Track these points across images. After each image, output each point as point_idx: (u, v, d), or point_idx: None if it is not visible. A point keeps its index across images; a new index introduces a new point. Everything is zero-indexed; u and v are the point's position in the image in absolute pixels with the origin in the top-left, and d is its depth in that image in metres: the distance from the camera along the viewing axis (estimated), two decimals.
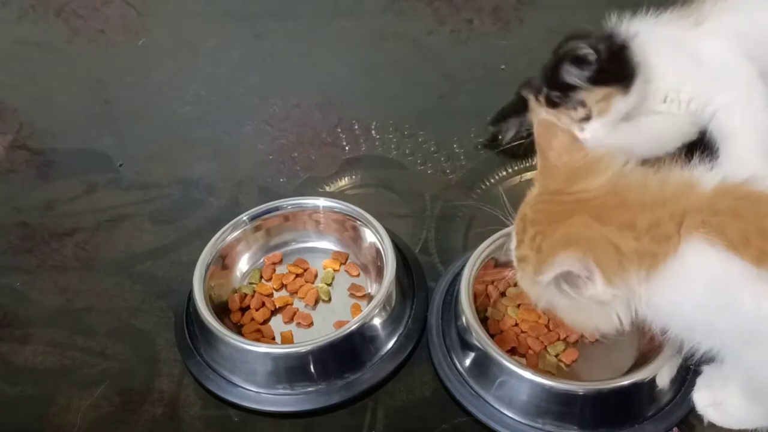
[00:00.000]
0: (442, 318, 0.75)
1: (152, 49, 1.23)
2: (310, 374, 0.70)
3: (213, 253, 0.78)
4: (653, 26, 0.87)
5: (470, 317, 0.70)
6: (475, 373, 0.69)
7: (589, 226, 0.57)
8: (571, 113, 0.86)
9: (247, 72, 1.16)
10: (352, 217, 0.81)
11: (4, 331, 0.79)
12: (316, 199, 0.84)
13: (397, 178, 0.94)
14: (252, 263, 0.83)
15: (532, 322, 0.74)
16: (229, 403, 0.70)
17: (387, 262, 0.75)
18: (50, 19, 1.32)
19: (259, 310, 0.77)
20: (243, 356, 0.70)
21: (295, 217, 0.84)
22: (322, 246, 0.84)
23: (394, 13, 1.27)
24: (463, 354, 0.71)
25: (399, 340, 0.74)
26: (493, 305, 0.76)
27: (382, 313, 0.73)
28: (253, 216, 0.82)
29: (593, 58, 0.83)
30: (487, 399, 0.68)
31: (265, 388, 0.70)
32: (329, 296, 0.79)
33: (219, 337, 0.70)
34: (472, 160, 0.95)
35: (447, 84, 1.09)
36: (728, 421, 0.63)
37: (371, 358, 0.72)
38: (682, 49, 0.86)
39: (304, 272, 0.82)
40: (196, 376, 0.72)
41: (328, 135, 1.02)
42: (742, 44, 0.84)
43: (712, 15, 0.86)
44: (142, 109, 1.10)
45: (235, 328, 0.76)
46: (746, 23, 0.85)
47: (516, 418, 0.67)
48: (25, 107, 1.12)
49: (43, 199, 0.94)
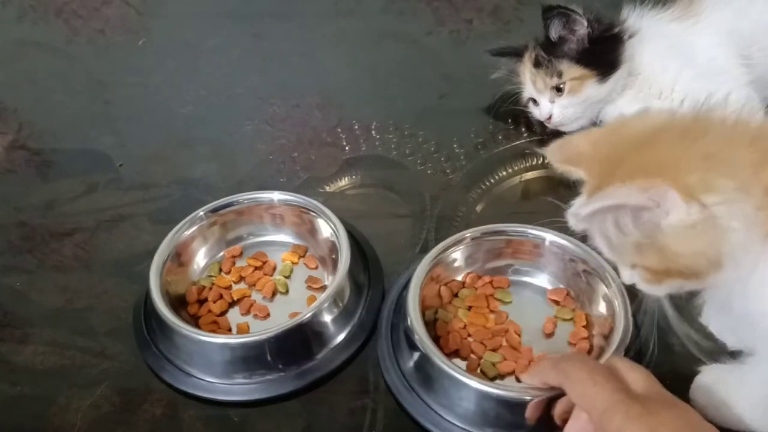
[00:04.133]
0: (393, 316, 0.74)
1: (152, 49, 1.23)
2: (254, 364, 0.70)
3: (170, 248, 0.78)
4: (655, 23, 0.87)
5: (414, 319, 0.68)
6: (417, 374, 0.67)
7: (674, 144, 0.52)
8: (547, 79, 0.89)
9: (247, 72, 1.16)
10: (309, 210, 0.81)
11: (4, 331, 0.79)
12: (271, 192, 0.84)
13: (397, 178, 0.94)
14: (209, 258, 0.83)
15: (480, 326, 0.73)
16: (184, 393, 0.70)
17: (341, 254, 0.75)
18: (50, 19, 1.32)
19: (216, 302, 0.78)
20: (198, 347, 0.70)
21: (252, 211, 0.84)
22: (281, 239, 0.85)
23: (394, 13, 1.27)
24: (408, 354, 0.69)
25: (351, 332, 0.73)
26: (445, 306, 0.75)
27: (333, 307, 0.72)
28: (210, 211, 0.82)
29: (583, 30, 0.85)
30: (428, 402, 0.66)
31: (222, 378, 0.70)
32: (286, 288, 0.79)
33: (174, 329, 0.71)
34: (472, 160, 0.95)
35: (447, 84, 1.09)
36: (730, 422, 0.63)
37: (321, 349, 0.72)
38: (678, 47, 0.87)
39: (263, 265, 0.82)
40: (153, 369, 0.72)
41: (328, 135, 1.02)
42: (734, 41, 0.85)
43: (706, 12, 0.86)
44: (142, 109, 1.10)
45: (192, 320, 0.76)
46: (737, 19, 0.86)
47: (459, 424, 0.64)
48: (25, 107, 1.12)
49: (43, 199, 0.94)
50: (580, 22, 0.85)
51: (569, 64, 0.87)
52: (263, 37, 1.24)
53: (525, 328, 0.73)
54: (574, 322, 0.73)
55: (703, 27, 0.86)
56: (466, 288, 0.77)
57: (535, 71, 0.91)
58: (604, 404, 0.50)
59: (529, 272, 0.78)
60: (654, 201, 0.50)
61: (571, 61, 0.87)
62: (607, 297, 0.71)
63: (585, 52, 0.87)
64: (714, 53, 0.85)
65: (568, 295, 0.75)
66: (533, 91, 0.92)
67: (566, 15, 0.85)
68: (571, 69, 0.87)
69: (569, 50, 0.87)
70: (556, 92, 0.90)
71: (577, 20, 0.85)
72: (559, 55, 0.88)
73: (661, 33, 0.87)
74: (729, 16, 0.86)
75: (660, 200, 0.50)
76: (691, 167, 0.50)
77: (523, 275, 0.78)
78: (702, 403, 0.64)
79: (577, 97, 0.88)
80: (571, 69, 0.87)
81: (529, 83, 0.93)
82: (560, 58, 0.88)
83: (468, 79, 1.09)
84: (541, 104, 0.92)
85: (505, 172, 0.93)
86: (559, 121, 0.91)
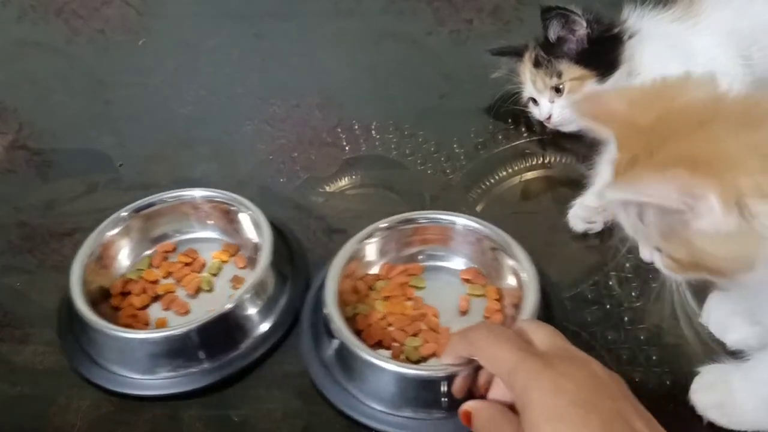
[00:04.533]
0: (315, 306, 0.75)
1: (152, 49, 1.23)
2: (176, 358, 0.70)
3: (92, 248, 0.78)
4: (655, 23, 0.87)
5: (332, 307, 0.69)
6: (339, 364, 0.69)
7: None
8: (546, 79, 0.89)
9: (247, 72, 1.16)
10: (232, 204, 0.82)
11: (4, 331, 0.79)
12: (192, 190, 0.84)
13: (397, 178, 0.94)
14: (134, 258, 0.83)
15: (398, 314, 0.74)
16: (104, 389, 0.71)
17: (263, 246, 0.76)
18: (50, 19, 1.32)
19: (139, 296, 0.78)
20: (116, 343, 0.71)
21: (176, 209, 0.84)
22: (212, 236, 0.85)
23: (394, 13, 1.27)
24: (328, 343, 0.70)
25: (275, 322, 0.74)
26: (362, 300, 0.76)
27: (256, 298, 0.73)
28: (133, 210, 0.82)
29: (582, 31, 0.85)
30: (349, 389, 0.67)
31: (145, 374, 0.71)
32: (211, 286, 0.79)
33: (93, 327, 0.71)
34: (472, 160, 0.95)
35: (447, 84, 1.09)
36: (732, 422, 0.63)
37: (245, 340, 0.72)
38: (678, 47, 0.87)
39: (193, 262, 0.82)
40: (75, 367, 0.73)
41: (328, 135, 1.02)
42: (734, 41, 0.85)
43: (707, 12, 0.87)
44: (142, 109, 1.10)
45: (113, 312, 0.77)
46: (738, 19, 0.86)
47: (379, 408, 0.66)
48: (25, 107, 1.12)
49: (43, 199, 0.94)
50: (579, 22, 0.85)
51: (569, 65, 0.87)
52: (263, 37, 1.24)
53: (442, 310, 0.75)
54: (486, 297, 0.76)
55: (704, 27, 0.86)
56: (381, 279, 0.78)
57: (535, 71, 0.91)
58: (509, 365, 0.50)
59: (442, 256, 0.80)
60: (689, 204, 0.46)
61: (570, 61, 0.87)
62: (514, 270, 0.73)
63: (584, 53, 0.87)
64: (714, 53, 0.85)
65: (478, 273, 0.78)
66: (533, 90, 0.92)
67: (565, 16, 0.85)
68: (570, 69, 0.87)
69: (569, 50, 0.87)
70: (555, 92, 0.90)
71: (576, 21, 0.85)
72: (559, 55, 0.88)
73: (662, 33, 0.87)
74: (729, 16, 0.86)
75: (695, 203, 0.46)
76: (746, 167, 0.46)
77: (437, 260, 0.80)
78: (704, 403, 0.64)
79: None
80: (570, 69, 0.87)
81: (529, 83, 0.93)
82: (560, 59, 0.88)
83: (468, 79, 1.09)
84: (540, 104, 0.92)
85: (505, 172, 0.93)
86: (559, 121, 0.91)
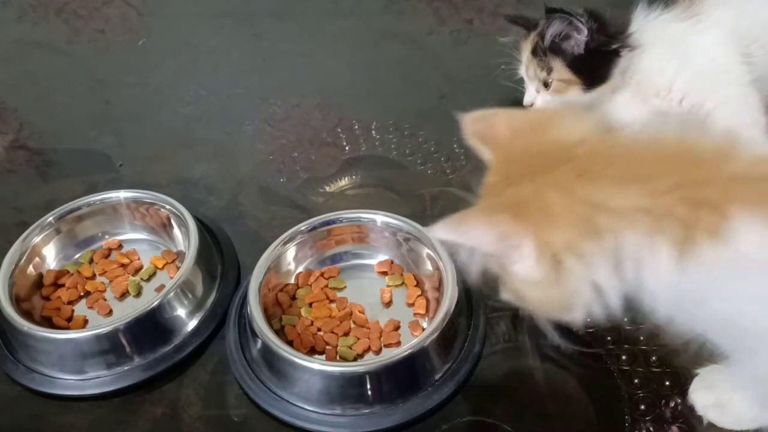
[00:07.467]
0: (241, 307, 0.75)
1: (152, 49, 1.23)
2: (105, 356, 0.71)
3: (18, 254, 0.78)
4: (656, 25, 0.87)
5: (254, 308, 0.70)
6: (263, 363, 0.70)
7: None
8: (538, 71, 0.90)
9: (247, 72, 1.16)
10: (160, 205, 0.82)
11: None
12: (117, 192, 0.84)
13: (397, 178, 0.94)
14: (61, 262, 0.83)
15: (325, 317, 0.75)
16: (33, 391, 0.71)
17: (189, 245, 0.76)
18: (50, 19, 1.32)
19: (68, 290, 0.78)
20: (46, 345, 0.71)
21: (103, 212, 0.84)
22: (146, 238, 0.85)
23: (394, 13, 1.27)
24: (253, 343, 0.71)
25: (202, 321, 0.75)
26: (287, 311, 0.76)
27: (182, 297, 0.74)
28: (57, 217, 0.82)
29: (582, 38, 0.85)
30: (277, 392, 0.68)
31: (75, 374, 0.71)
32: (138, 291, 0.79)
33: (17, 328, 0.71)
34: (472, 160, 0.95)
35: (447, 84, 1.09)
36: (730, 421, 0.63)
37: (172, 338, 0.73)
38: (677, 46, 0.87)
39: (130, 264, 0.82)
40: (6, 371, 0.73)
41: (328, 135, 1.02)
42: (735, 40, 0.85)
43: (707, 12, 0.86)
44: (142, 109, 1.10)
45: (42, 301, 0.78)
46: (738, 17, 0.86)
47: (305, 407, 0.67)
48: (25, 107, 1.12)
49: (43, 199, 0.94)
50: (581, 29, 0.84)
51: (561, 65, 0.87)
52: (263, 37, 1.24)
53: (367, 306, 0.77)
54: (405, 285, 0.78)
55: (704, 27, 0.86)
56: (301, 288, 0.79)
57: (531, 58, 0.91)
58: None
59: (360, 254, 0.82)
60: (506, 249, 0.49)
61: (563, 62, 0.87)
62: (430, 256, 0.76)
63: (579, 59, 0.86)
64: (715, 52, 0.85)
65: (393, 264, 0.80)
66: (525, 75, 0.93)
67: (568, 19, 0.84)
68: (561, 70, 0.87)
69: (565, 50, 0.87)
70: (543, 85, 0.90)
71: (578, 27, 0.84)
72: (555, 51, 0.87)
73: (662, 34, 0.87)
74: (729, 15, 0.85)
75: (512, 249, 0.49)
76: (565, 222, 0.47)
77: (356, 258, 0.82)
78: (703, 403, 0.64)
79: (560, 98, 0.88)
80: (561, 70, 0.87)
81: (524, 66, 0.93)
82: (555, 56, 0.87)
83: (468, 79, 1.09)
84: (528, 90, 0.93)
85: None
86: None
